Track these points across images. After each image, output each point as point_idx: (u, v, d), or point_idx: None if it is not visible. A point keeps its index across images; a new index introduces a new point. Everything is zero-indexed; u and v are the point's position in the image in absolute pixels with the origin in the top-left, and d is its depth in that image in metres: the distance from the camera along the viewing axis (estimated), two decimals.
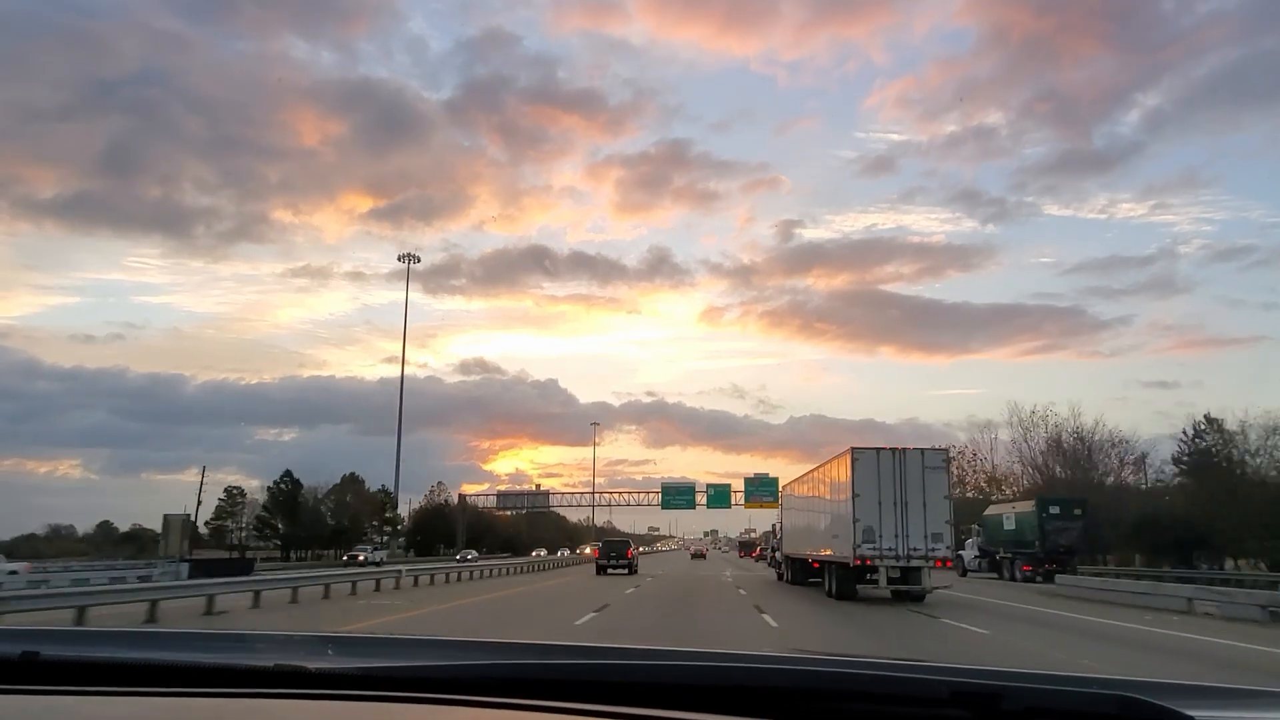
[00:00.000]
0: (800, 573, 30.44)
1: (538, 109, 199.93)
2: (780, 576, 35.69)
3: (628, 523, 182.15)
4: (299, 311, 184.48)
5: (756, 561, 73.25)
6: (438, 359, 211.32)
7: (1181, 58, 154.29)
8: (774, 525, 42.40)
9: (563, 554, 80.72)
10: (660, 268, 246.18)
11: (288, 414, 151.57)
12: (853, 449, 22.19)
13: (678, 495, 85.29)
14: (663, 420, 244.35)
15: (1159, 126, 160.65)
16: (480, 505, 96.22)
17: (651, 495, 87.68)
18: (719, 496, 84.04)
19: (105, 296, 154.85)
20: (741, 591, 28.56)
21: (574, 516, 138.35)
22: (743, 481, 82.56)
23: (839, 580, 23.43)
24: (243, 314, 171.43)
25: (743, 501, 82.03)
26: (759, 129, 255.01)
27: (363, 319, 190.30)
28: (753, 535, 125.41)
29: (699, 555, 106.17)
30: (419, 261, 73.19)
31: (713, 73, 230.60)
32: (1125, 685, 1.22)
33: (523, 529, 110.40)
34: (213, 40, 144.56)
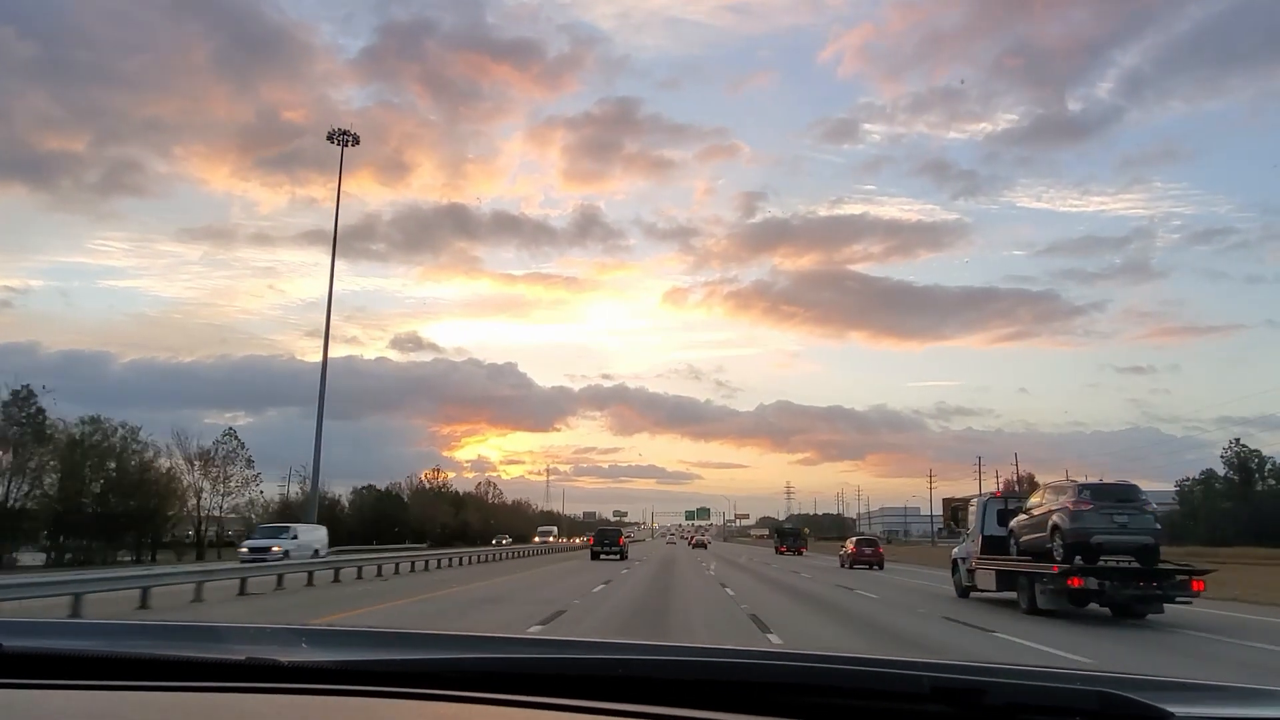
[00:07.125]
0: None
1: (465, 56, 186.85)
2: None
3: (580, 510, 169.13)
4: (214, 281, 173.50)
5: (851, 568, 39.35)
6: (378, 338, 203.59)
7: (1162, 6, 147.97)
8: None
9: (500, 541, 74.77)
10: (614, 243, 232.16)
11: (225, 397, 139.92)
12: None
13: None
14: (624, 405, 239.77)
15: (1137, 89, 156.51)
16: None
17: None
18: None
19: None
20: None
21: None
22: (710, 472, 60.50)
23: None
24: (142, 279, 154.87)
25: None
26: (711, 86, 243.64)
27: (267, 282, 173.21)
28: (778, 520, 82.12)
29: (701, 544, 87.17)
30: (357, 143, 48.87)
31: (654, 18, 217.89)
32: (1105, 681, 1.23)
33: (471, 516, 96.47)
34: None
